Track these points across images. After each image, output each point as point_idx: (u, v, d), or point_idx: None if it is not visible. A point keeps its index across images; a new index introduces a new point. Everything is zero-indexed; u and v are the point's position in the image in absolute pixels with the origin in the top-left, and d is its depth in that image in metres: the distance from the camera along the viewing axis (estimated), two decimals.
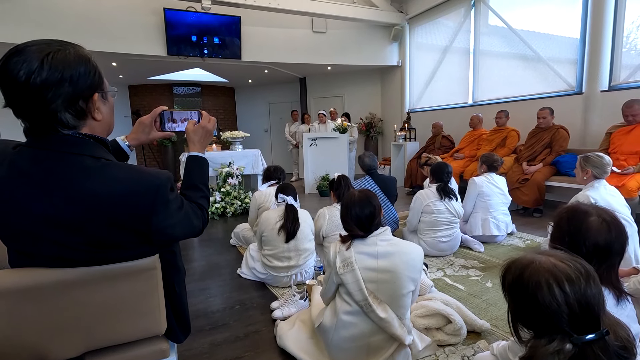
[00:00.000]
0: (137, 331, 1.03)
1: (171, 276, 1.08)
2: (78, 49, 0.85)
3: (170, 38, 5.64)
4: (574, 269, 0.77)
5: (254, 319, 2.08)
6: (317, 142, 6.05)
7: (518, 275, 0.81)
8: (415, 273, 1.49)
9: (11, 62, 0.77)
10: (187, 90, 8.86)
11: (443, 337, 1.74)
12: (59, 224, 0.84)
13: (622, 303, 1.13)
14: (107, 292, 0.95)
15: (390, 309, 1.46)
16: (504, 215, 3.29)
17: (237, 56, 6.15)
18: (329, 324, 1.54)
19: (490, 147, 4.85)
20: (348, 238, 1.54)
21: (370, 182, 3.28)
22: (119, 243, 0.91)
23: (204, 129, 1.15)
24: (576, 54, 4.50)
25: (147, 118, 1.18)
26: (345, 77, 8.25)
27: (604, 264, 1.11)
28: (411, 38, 7.15)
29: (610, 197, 2.36)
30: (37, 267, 0.89)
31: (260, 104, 9.74)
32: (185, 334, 1.16)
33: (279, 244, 2.45)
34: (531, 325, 0.80)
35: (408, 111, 7.15)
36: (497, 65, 5.58)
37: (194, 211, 0.99)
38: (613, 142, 3.72)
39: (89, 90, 0.86)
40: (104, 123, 0.93)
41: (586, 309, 0.74)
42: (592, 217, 1.14)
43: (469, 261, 2.86)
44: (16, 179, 0.83)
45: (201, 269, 2.90)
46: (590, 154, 2.51)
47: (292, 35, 6.59)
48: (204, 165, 1.12)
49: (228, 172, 4.76)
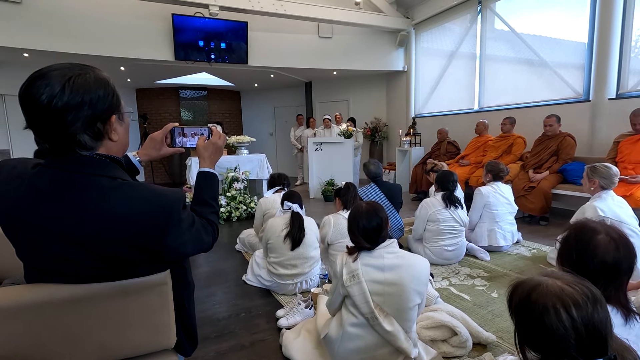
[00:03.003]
0: (147, 345, 1.05)
1: (181, 291, 1.10)
2: (98, 73, 0.87)
3: (178, 43, 5.70)
4: (581, 293, 0.77)
5: (260, 327, 2.09)
6: (322, 147, 6.07)
7: (525, 298, 0.82)
8: (421, 286, 1.49)
9: (34, 86, 0.80)
10: (194, 94, 8.93)
11: (449, 349, 1.74)
12: (74, 242, 0.86)
13: (631, 322, 1.13)
14: (119, 306, 0.97)
15: (397, 322, 1.46)
16: (510, 225, 3.28)
17: (244, 61, 6.20)
18: (335, 336, 1.55)
19: (496, 153, 4.83)
20: (355, 250, 1.55)
21: (375, 189, 3.29)
22: (131, 261, 0.93)
23: (214, 145, 1.17)
24: (583, 60, 4.48)
25: (158, 134, 1.20)
26: (350, 82, 8.27)
27: (612, 282, 1.11)
28: (417, 43, 7.16)
29: (618, 208, 2.34)
30: (52, 282, 0.91)
31: (266, 108, 9.79)
32: (192, 347, 1.18)
33: (284, 252, 2.46)
34: (538, 348, 0.80)
35: (413, 116, 7.15)
36: (503, 71, 5.57)
37: (204, 227, 1.01)
38: (621, 150, 3.69)
39: (107, 113, 0.88)
40: (119, 143, 0.95)
41: (593, 334, 0.74)
42: (600, 235, 1.13)
43: (475, 270, 2.85)
44: (34, 198, 0.85)
45: (207, 274, 2.92)
46: (597, 164, 2.49)
47: (299, 41, 6.63)
48: (213, 181, 1.14)
49: (234, 177, 4.80)
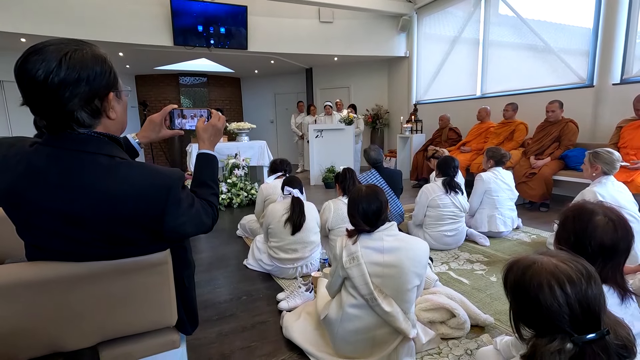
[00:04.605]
0: (149, 323, 1.07)
1: (181, 271, 1.11)
2: (94, 49, 0.86)
3: (177, 28, 5.63)
4: (576, 269, 0.78)
5: (261, 310, 2.13)
6: (322, 134, 6.05)
7: (520, 276, 0.83)
8: (420, 268, 1.51)
9: (30, 61, 0.78)
10: (194, 81, 8.86)
11: (447, 331, 1.76)
12: (73, 221, 0.86)
13: (627, 302, 1.14)
14: (120, 285, 0.99)
15: (396, 303, 1.48)
16: (510, 211, 3.28)
17: (244, 46, 6.13)
18: (335, 317, 1.57)
19: (498, 140, 4.81)
20: (354, 233, 1.56)
21: (376, 175, 3.29)
22: (131, 240, 0.93)
23: (213, 127, 1.16)
24: (588, 45, 4.42)
25: (157, 116, 1.20)
26: (351, 68, 8.18)
27: (609, 263, 1.12)
28: (419, 28, 7.04)
29: (618, 194, 2.34)
30: (53, 261, 0.92)
31: (266, 95, 9.72)
32: (193, 327, 1.20)
33: (285, 237, 2.48)
34: (533, 325, 0.82)
35: (415, 103, 7.09)
36: (506, 57, 5.49)
37: (204, 209, 1.01)
38: (623, 136, 3.66)
39: (105, 90, 0.87)
40: (117, 122, 0.95)
41: (587, 310, 0.75)
42: (599, 216, 1.14)
43: (474, 255, 2.87)
44: (33, 176, 0.85)
45: (208, 259, 2.95)
46: (599, 149, 2.48)
47: (299, 26, 6.53)
48: (213, 163, 1.14)
49: (234, 164, 4.80)
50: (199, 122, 1.17)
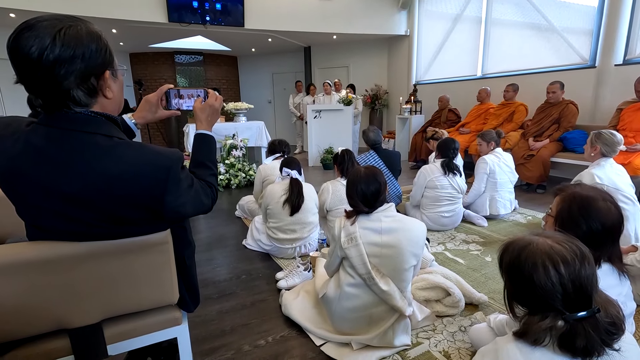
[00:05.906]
0: (151, 301, 1.09)
1: (182, 250, 1.12)
2: (89, 25, 0.84)
3: (171, 4, 5.47)
4: (570, 250, 0.80)
5: (260, 289, 2.17)
6: (321, 115, 5.99)
7: (515, 257, 0.84)
8: (417, 249, 1.53)
9: (22, 37, 0.76)
10: (189, 59, 8.68)
11: (442, 309, 1.81)
12: (73, 201, 0.86)
13: (622, 279, 1.18)
14: (122, 264, 1.00)
15: (392, 282, 1.51)
16: (509, 193, 3.31)
17: (240, 23, 5.98)
18: (333, 295, 1.61)
19: (497, 121, 4.78)
20: (353, 213, 1.58)
21: (374, 156, 3.28)
22: (132, 220, 0.94)
23: (211, 107, 1.15)
24: (592, 24, 4.33)
25: (153, 96, 1.18)
26: (351, 47, 8.02)
27: (614, 243, 1.16)
28: (421, 5, 6.87)
29: (615, 176, 2.35)
30: (53, 240, 0.93)
31: (264, 74, 9.55)
32: (195, 304, 1.23)
33: (283, 217, 2.50)
34: (526, 304, 0.84)
35: (415, 83, 7.00)
36: (508, 36, 5.39)
37: (203, 189, 1.01)
38: (623, 118, 3.65)
39: (101, 68, 0.86)
40: (114, 101, 0.93)
41: (579, 289, 0.77)
42: (599, 201, 1.17)
43: (470, 236, 2.91)
44: (32, 155, 0.85)
45: (208, 240, 2.98)
46: (603, 130, 2.46)
47: (297, 2, 6.35)
48: (211, 143, 1.13)
49: (232, 144, 4.77)
50: (196, 102, 1.16)
